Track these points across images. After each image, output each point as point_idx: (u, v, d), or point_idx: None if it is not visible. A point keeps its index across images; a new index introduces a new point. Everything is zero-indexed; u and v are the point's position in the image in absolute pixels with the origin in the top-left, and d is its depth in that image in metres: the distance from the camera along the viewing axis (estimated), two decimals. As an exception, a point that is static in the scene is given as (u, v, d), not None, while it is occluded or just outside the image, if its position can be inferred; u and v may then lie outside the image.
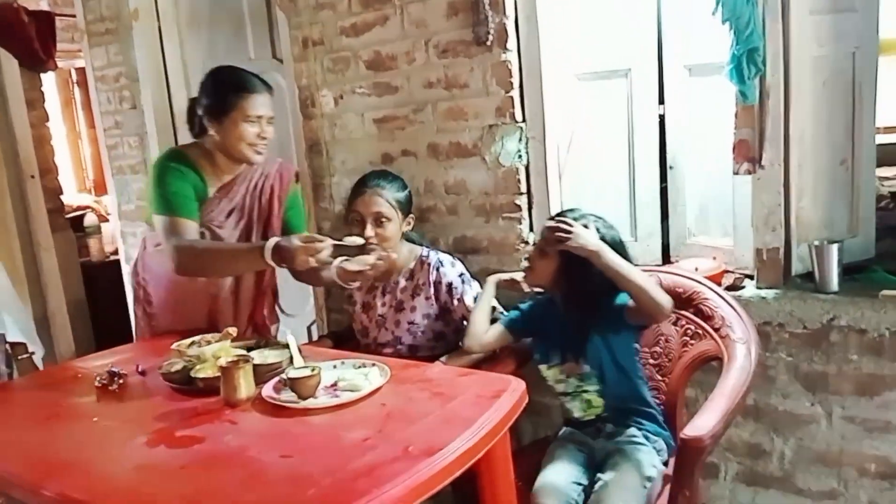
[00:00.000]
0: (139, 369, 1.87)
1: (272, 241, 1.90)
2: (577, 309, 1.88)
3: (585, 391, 1.90)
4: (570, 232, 1.76)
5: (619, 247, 1.84)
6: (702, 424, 1.58)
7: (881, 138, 3.42)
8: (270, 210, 2.28)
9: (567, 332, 1.91)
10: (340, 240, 2.00)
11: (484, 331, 2.03)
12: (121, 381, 1.79)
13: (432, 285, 2.17)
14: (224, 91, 2.11)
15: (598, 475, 1.76)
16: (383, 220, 2.13)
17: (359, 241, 2.04)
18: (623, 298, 1.81)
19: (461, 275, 2.18)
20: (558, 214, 1.92)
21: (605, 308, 1.84)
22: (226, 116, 2.09)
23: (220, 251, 2.10)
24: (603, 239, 1.80)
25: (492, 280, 2.11)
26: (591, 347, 1.86)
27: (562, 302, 1.94)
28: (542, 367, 1.97)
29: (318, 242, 1.86)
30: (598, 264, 1.76)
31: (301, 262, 1.85)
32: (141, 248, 2.37)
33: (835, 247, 1.93)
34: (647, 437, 1.84)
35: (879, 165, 2.90)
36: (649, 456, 1.79)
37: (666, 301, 1.74)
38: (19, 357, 2.20)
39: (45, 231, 3.92)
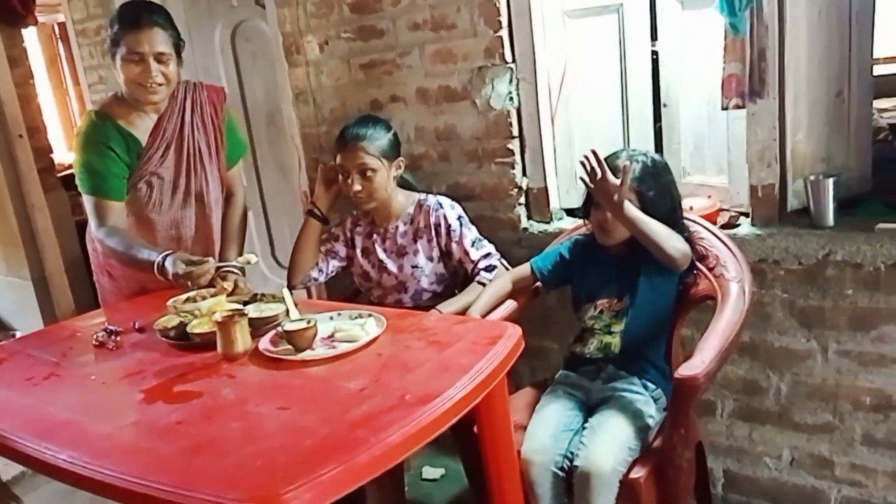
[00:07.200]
0: (136, 326, 1.88)
1: (160, 258, 1.90)
2: (630, 245, 1.82)
3: (611, 332, 1.87)
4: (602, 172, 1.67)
5: (672, 187, 1.84)
6: (695, 363, 1.59)
7: (880, 69, 3.37)
8: (217, 142, 2.23)
9: (616, 269, 1.86)
10: (231, 260, 2.13)
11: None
12: (117, 338, 1.80)
13: (433, 227, 2.16)
14: (113, 29, 2.03)
15: (589, 420, 1.76)
16: (368, 172, 2.09)
17: (252, 258, 2.05)
18: None
19: (459, 217, 2.16)
20: (612, 155, 1.85)
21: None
22: (114, 56, 2.03)
23: (130, 257, 2.03)
24: (665, 184, 1.81)
25: (475, 311, 1.97)
26: (642, 285, 1.82)
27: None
28: (585, 307, 1.92)
29: (200, 267, 1.86)
30: (614, 215, 1.72)
31: (181, 286, 1.88)
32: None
33: (830, 181, 1.91)
34: (645, 387, 1.82)
35: (878, 97, 2.87)
36: (646, 406, 1.78)
37: (679, 254, 1.72)
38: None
39: (38, 191, 3.89)
